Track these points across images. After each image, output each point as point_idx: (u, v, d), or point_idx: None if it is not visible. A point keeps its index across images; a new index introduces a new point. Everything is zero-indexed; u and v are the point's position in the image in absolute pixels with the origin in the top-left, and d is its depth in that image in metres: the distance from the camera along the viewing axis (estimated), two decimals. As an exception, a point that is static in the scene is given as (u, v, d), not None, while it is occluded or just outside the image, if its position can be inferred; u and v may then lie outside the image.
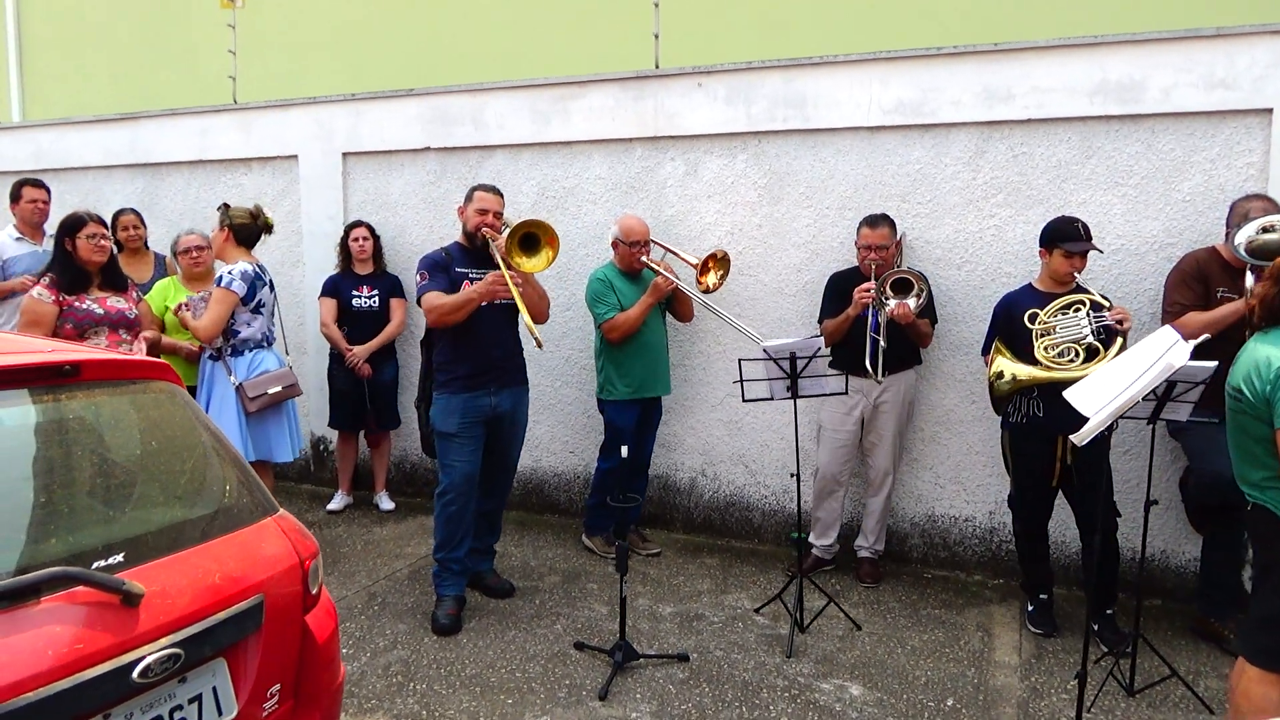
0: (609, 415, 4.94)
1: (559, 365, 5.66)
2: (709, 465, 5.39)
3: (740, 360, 4.17)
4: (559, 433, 5.72)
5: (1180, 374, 3.11)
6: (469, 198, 4.25)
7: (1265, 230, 3.69)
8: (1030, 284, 4.20)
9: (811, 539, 4.90)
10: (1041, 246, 4.10)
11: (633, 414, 4.88)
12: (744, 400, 4.15)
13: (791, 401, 4.18)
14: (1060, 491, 4.13)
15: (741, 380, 4.14)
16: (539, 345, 3.92)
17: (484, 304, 4.13)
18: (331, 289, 5.74)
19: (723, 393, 5.25)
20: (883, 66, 4.83)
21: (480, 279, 4.10)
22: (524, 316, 3.95)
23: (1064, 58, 4.53)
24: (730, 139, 5.18)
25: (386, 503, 5.92)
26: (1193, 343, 2.94)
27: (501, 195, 4.28)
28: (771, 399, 4.19)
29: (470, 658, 3.91)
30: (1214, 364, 3.17)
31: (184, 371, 4.68)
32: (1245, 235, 3.74)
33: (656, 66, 5.34)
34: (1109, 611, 4.06)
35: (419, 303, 4.20)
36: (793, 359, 4.06)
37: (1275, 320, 2.71)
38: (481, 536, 4.54)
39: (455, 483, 4.23)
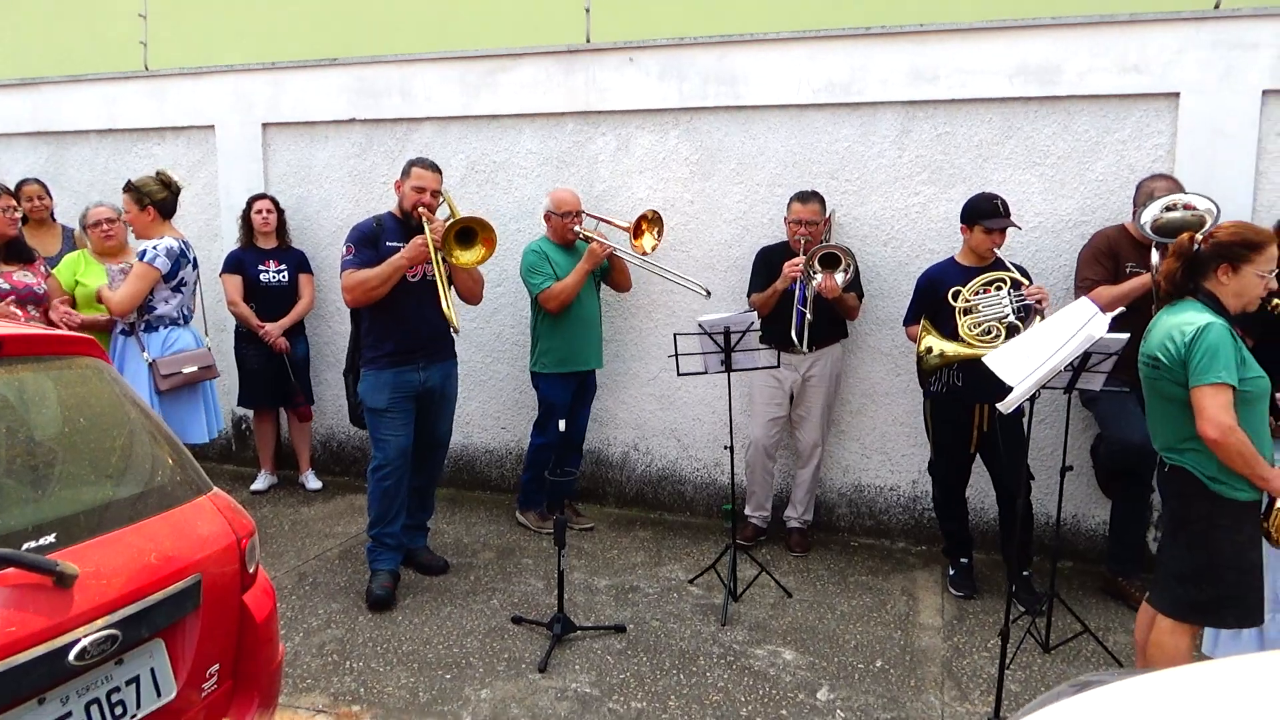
0: (543, 389, 4.93)
1: (490, 341, 5.62)
2: (642, 439, 5.43)
3: (675, 334, 4.21)
4: (491, 408, 5.69)
5: (1097, 345, 3.26)
6: (406, 173, 4.17)
7: (1169, 209, 3.88)
8: (952, 258, 4.33)
9: (747, 510, 5.00)
10: (963, 223, 4.23)
11: (567, 387, 4.89)
12: (679, 374, 4.20)
13: (724, 375, 4.25)
14: (979, 458, 4.30)
15: (677, 354, 4.18)
16: (455, 329, 3.93)
17: (411, 280, 4.08)
18: (235, 265, 5.54)
19: (656, 368, 5.29)
20: (813, 45, 4.89)
21: None
22: (442, 292, 3.95)
23: (986, 39, 4.66)
24: (662, 114, 5.19)
25: (313, 482, 5.81)
26: (1110, 315, 3.08)
27: (440, 172, 4.21)
28: (706, 373, 4.24)
29: (407, 634, 3.89)
30: (1126, 335, 3.33)
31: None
32: (1151, 214, 3.92)
33: (588, 40, 5.31)
34: (1026, 573, 4.25)
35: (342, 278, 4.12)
36: (727, 333, 4.12)
37: (1180, 294, 2.89)
38: (414, 513, 4.50)
39: (390, 457, 4.19)
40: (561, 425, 3.93)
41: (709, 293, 4.65)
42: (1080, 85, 4.54)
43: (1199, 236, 2.88)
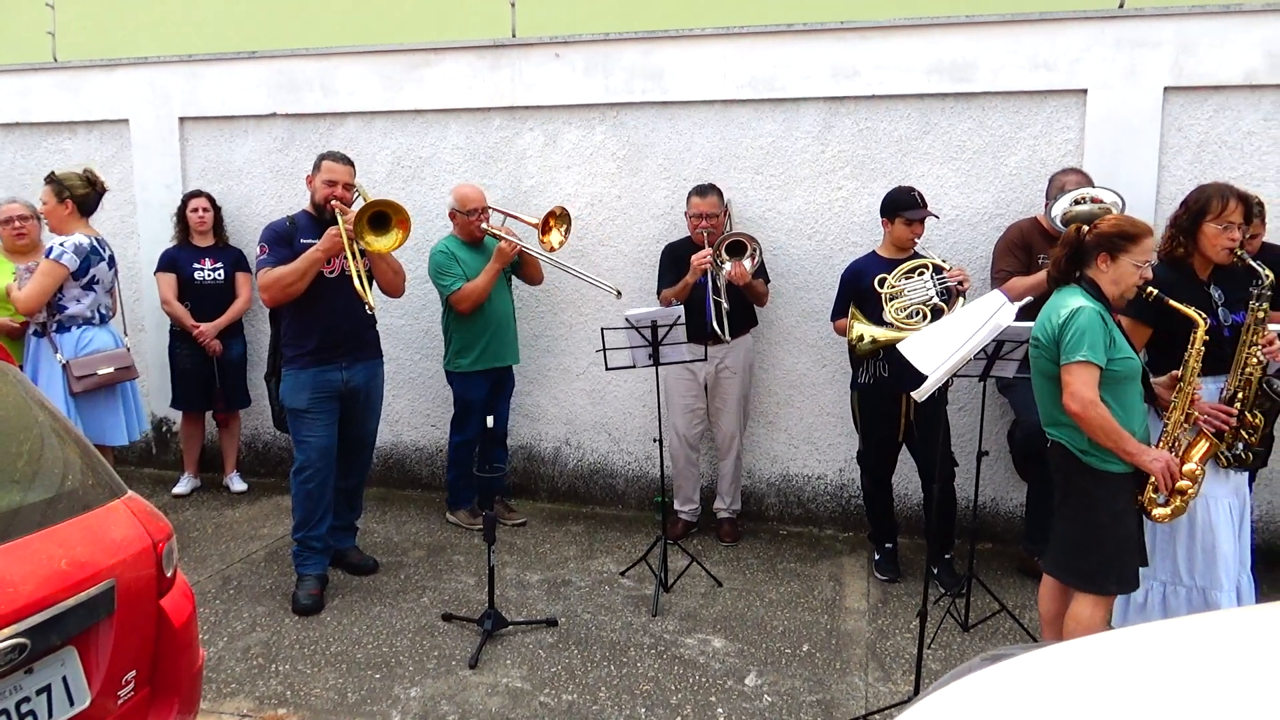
0: (458, 388, 4.91)
1: (418, 338, 5.58)
2: (573, 434, 5.44)
3: (603, 329, 4.23)
4: (420, 406, 5.64)
5: (1007, 333, 3.38)
6: (316, 167, 4.11)
7: (1077, 202, 4.03)
8: (874, 251, 4.43)
9: (676, 504, 5.05)
10: (883, 216, 4.33)
11: (483, 385, 4.87)
12: (607, 369, 4.22)
13: (652, 369, 4.29)
14: (905, 446, 4.41)
15: (604, 349, 4.20)
16: (370, 310, 3.91)
17: (330, 275, 4.02)
18: (169, 263, 5.41)
19: (585, 362, 5.31)
20: (736, 41, 4.95)
21: None
22: (356, 281, 3.90)
23: (904, 37, 4.77)
24: (589, 110, 5.20)
25: (238, 484, 5.69)
26: (1018, 304, 3.20)
27: (352, 164, 4.16)
28: (634, 367, 4.28)
29: (334, 636, 3.84)
30: (1034, 324, 3.45)
31: (11, 348, 4.36)
32: (1061, 206, 4.07)
33: (513, 35, 5.29)
34: (947, 556, 4.38)
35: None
36: (654, 327, 4.15)
37: (1066, 279, 3.06)
38: (342, 514, 4.45)
39: (312, 459, 4.13)
40: (490, 421, 3.92)
41: (619, 293, 4.64)
42: (994, 82, 4.68)
43: (1085, 228, 3.02)
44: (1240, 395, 3.28)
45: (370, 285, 4.15)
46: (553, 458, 5.50)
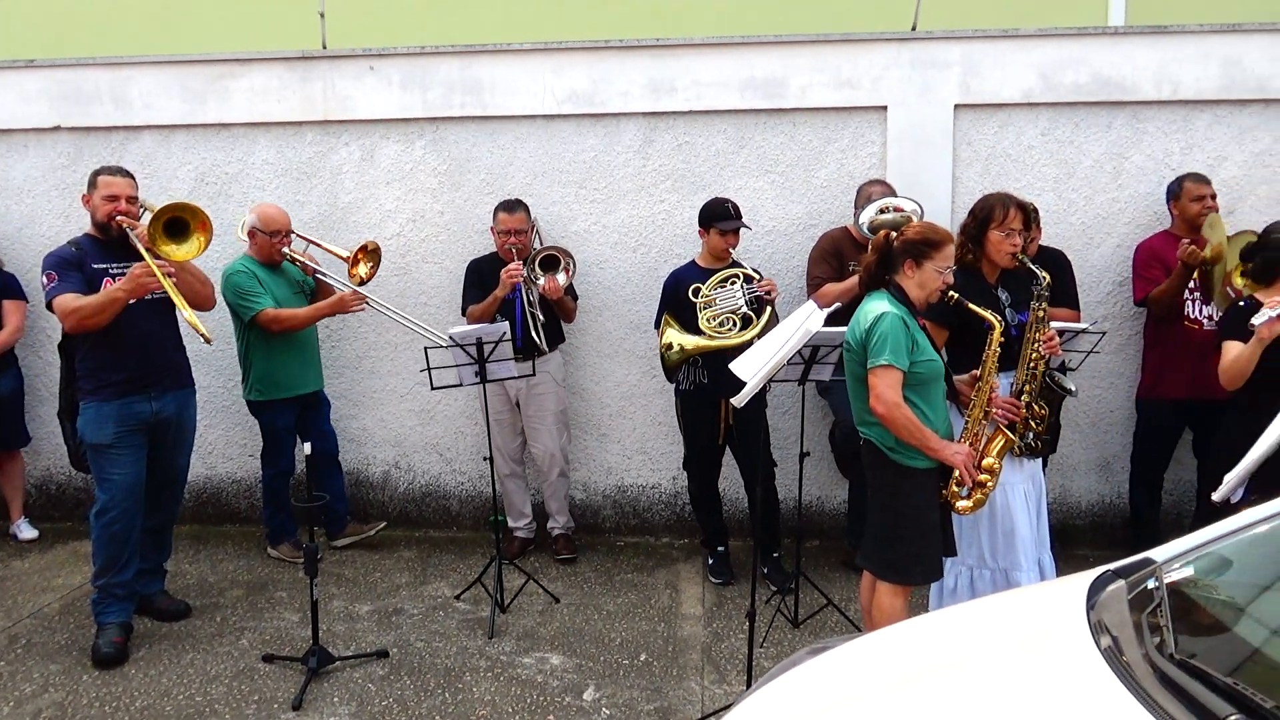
0: (264, 418, 4.67)
1: (232, 364, 5.23)
2: (402, 456, 5.28)
3: (426, 349, 4.12)
4: (236, 436, 5.32)
5: (819, 338, 3.51)
6: (92, 184, 3.79)
7: (882, 211, 4.26)
8: (693, 261, 4.53)
9: (510, 522, 4.97)
10: (700, 227, 4.44)
11: (289, 413, 4.66)
12: (432, 388, 4.11)
13: (482, 387, 4.22)
14: (729, 450, 4.51)
15: (429, 368, 4.09)
16: (207, 341, 3.64)
17: (131, 301, 3.74)
18: None
19: (411, 381, 5.16)
20: (556, 56, 4.96)
21: (123, 274, 3.67)
22: (183, 311, 3.63)
23: (718, 55, 4.91)
24: (408, 124, 5.08)
25: (27, 531, 5.18)
26: (827, 310, 3.35)
27: (132, 177, 3.86)
28: (461, 385, 4.20)
29: (140, 689, 3.55)
30: (845, 329, 3.61)
31: None
32: (868, 215, 4.29)
33: (324, 46, 5.10)
34: (776, 555, 4.52)
35: (49, 307, 3.70)
36: (479, 344, 4.09)
37: (876, 285, 3.22)
38: (149, 556, 4.13)
39: (117, 498, 3.81)
40: (308, 448, 3.72)
41: (451, 337, 4.44)
42: (803, 99, 4.89)
43: (893, 235, 3.19)
44: (1027, 389, 3.54)
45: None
46: (382, 482, 5.31)
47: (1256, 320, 3.23)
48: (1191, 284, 4.35)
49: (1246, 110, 4.68)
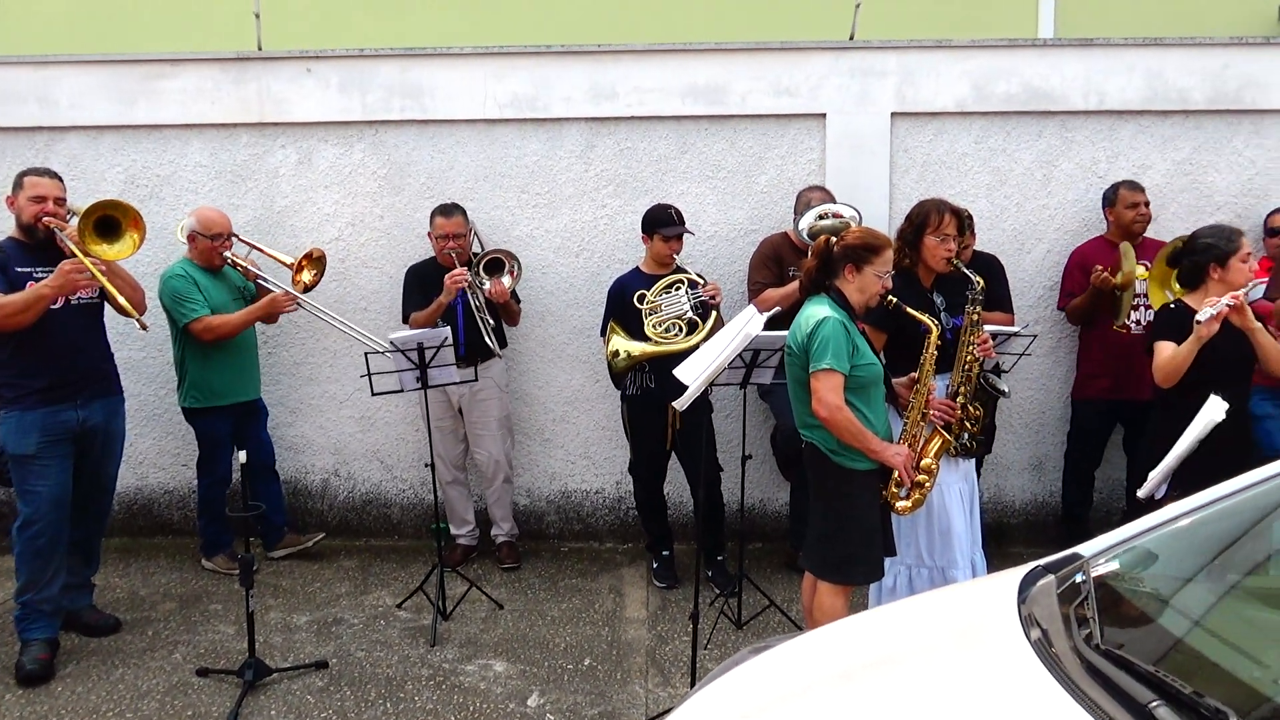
0: (200, 426, 4.58)
1: (164, 371, 5.11)
2: (342, 464, 5.20)
3: (366, 354, 4.07)
4: (168, 445, 5.18)
5: (760, 342, 3.56)
6: (18, 185, 3.69)
7: (821, 217, 4.32)
8: (637, 267, 4.54)
9: (453, 529, 4.93)
10: (644, 233, 4.45)
11: (227, 421, 4.56)
12: (373, 394, 4.06)
13: (424, 392, 4.17)
14: (675, 455, 4.53)
15: (369, 374, 4.04)
16: (143, 327, 3.59)
17: (59, 303, 3.63)
18: None
19: (351, 388, 5.07)
20: (497, 61, 4.94)
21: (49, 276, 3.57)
22: (116, 299, 3.56)
23: (660, 61, 4.93)
24: (346, 127, 5.01)
25: (-53, 547, 4.99)
26: (767, 314, 3.38)
27: (59, 179, 3.77)
28: (402, 391, 4.15)
29: (68, 707, 3.44)
30: (785, 333, 3.65)
31: None
32: (807, 221, 4.35)
33: (259, 48, 5.01)
34: (720, 558, 4.54)
35: None
36: (420, 349, 4.05)
37: (817, 290, 3.26)
38: (76, 570, 4.00)
39: (41, 511, 3.69)
40: (243, 456, 3.64)
41: (393, 347, 4.36)
42: (744, 105, 4.94)
43: (834, 240, 3.24)
44: (962, 390, 3.62)
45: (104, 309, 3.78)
46: (321, 491, 5.22)
47: (1200, 317, 3.31)
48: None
49: (1168, 121, 4.86)
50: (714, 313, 4.27)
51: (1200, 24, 6.08)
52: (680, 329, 4.26)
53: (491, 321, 4.54)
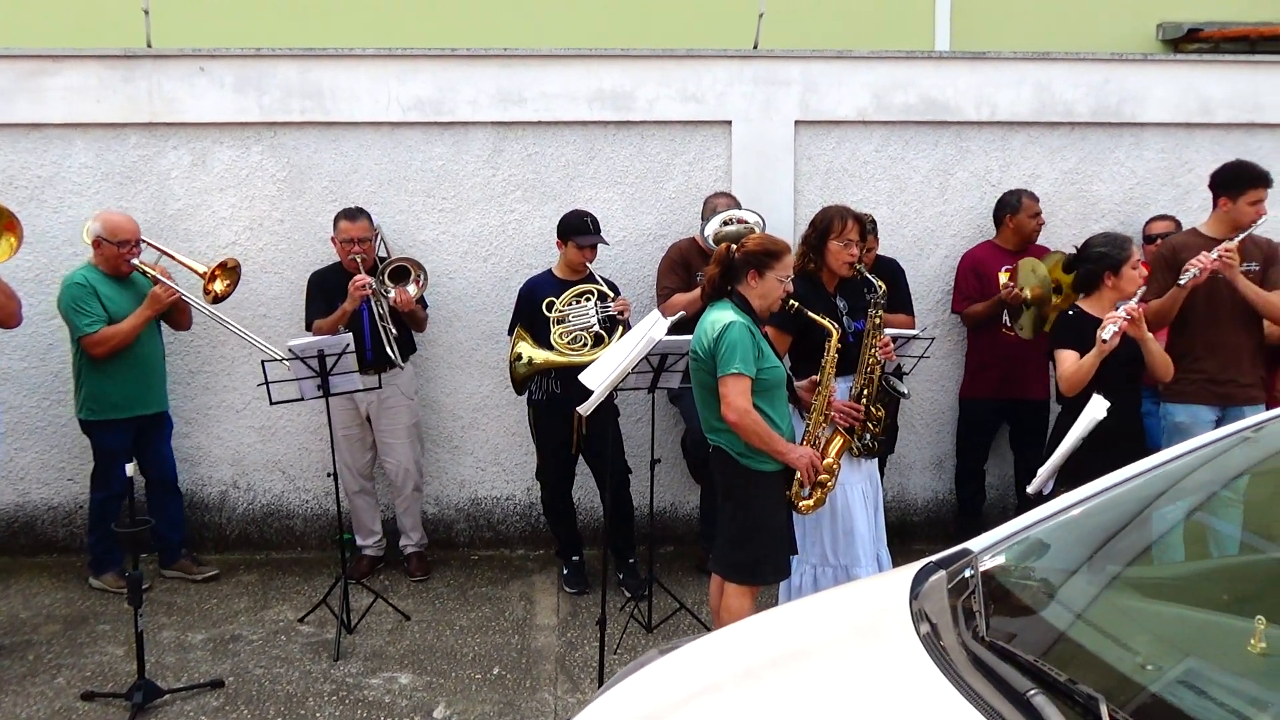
0: (97, 439, 4.38)
1: (47, 381, 4.87)
2: (241, 476, 5.02)
3: (263, 361, 3.95)
4: (52, 459, 4.93)
5: (665, 346, 3.58)
6: None
7: (726, 223, 4.38)
8: (550, 270, 4.52)
9: (359, 540, 4.82)
10: (559, 238, 4.44)
11: (126, 434, 4.37)
12: (271, 403, 3.94)
13: (327, 400, 4.07)
14: (582, 459, 4.52)
15: (267, 382, 3.92)
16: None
17: None
18: None
19: (249, 396, 4.91)
20: (400, 63, 4.85)
21: None
22: None
23: (567, 66, 4.92)
24: (243, 128, 4.85)
25: None
26: (671, 319, 3.41)
27: None
28: (303, 399, 4.04)
29: (-62, 739, 3.25)
30: (690, 337, 3.68)
31: None
32: (712, 227, 4.41)
33: (148, 45, 4.82)
34: (631, 561, 4.55)
35: None
36: (321, 356, 3.95)
37: (719, 295, 3.30)
38: (-51, 593, 3.78)
39: None
40: (129, 470, 3.48)
41: (291, 349, 4.25)
42: (651, 112, 4.96)
43: (734, 246, 3.28)
44: (865, 392, 3.71)
45: None
46: (219, 503, 5.04)
47: (1104, 335, 3.44)
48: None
49: (1056, 132, 5.07)
50: (620, 328, 4.27)
51: (1086, 39, 6.37)
52: (586, 341, 4.25)
53: (395, 331, 4.45)
